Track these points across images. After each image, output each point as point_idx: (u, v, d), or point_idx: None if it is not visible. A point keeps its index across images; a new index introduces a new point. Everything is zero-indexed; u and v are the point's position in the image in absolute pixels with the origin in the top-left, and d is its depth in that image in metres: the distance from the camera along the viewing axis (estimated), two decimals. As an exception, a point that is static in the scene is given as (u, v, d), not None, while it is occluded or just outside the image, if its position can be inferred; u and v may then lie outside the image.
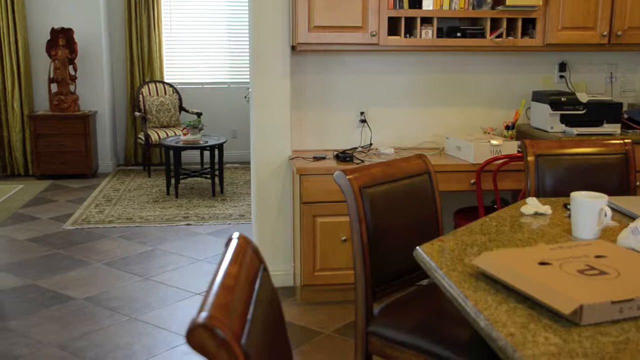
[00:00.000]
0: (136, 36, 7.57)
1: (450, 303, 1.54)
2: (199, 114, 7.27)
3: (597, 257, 1.49)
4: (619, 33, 3.80)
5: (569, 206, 1.94)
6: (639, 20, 3.82)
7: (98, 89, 7.35)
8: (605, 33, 3.79)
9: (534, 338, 1.17)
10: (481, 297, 1.36)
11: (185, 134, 6.32)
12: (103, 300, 3.77)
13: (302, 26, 3.58)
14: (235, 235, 1.31)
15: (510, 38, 3.76)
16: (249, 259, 1.23)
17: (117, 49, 7.65)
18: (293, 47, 3.74)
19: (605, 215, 1.72)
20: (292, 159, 3.76)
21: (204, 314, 0.94)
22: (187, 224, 5.37)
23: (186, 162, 7.32)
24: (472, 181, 3.58)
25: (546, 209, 2.06)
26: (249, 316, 1.07)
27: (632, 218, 1.91)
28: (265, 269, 1.29)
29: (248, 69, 7.32)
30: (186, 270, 4.33)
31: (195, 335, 0.92)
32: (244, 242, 1.27)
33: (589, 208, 1.72)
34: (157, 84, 7.55)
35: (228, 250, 1.23)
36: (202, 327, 0.92)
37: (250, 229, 4.14)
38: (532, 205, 2.08)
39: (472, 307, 1.32)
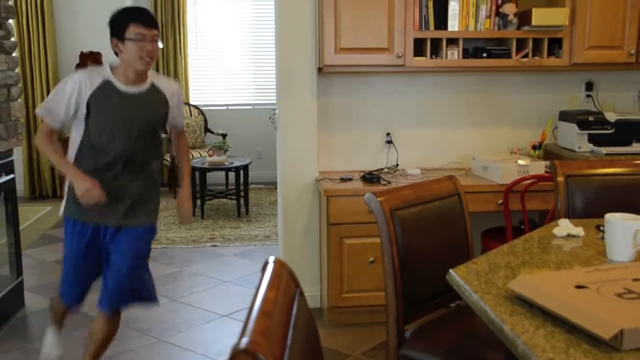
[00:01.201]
0: (162, 58, 7.68)
1: (482, 326, 1.53)
2: (224, 135, 7.34)
3: (635, 280, 1.47)
4: (647, 52, 3.78)
5: (602, 228, 1.92)
6: (667, 39, 3.80)
7: (125, 112, 7.43)
8: (632, 52, 3.77)
9: (574, 363, 1.16)
10: (518, 321, 1.35)
11: (210, 155, 6.38)
12: (131, 321, 3.80)
13: (329, 48, 3.61)
14: (271, 259, 1.31)
15: (537, 58, 3.76)
16: (285, 283, 1.24)
17: (144, 72, 7.75)
18: (319, 69, 3.77)
19: (641, 238, 1.71)
20: (319, 180, 3.77)
21: (245, 340, 0.95)
22: (213, 245, 5.40)
23: (211, 183, 7.36)
24: (500, 202, 3.56)
25: (579, 230, 2.04)
26: (289, 341, 1.07)
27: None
28: (302, 293, 1.29)
29: (272, 91, 7.38)
30: (213, 292, 4.35)
31: (238, 361, 0.93)
32: (280, 266, 1.28)
33: (624, 230, 1.71)
34: (183, 106, 7.64)
35: (265, 274, 1.24)
36: (244, 352, 0.93)
37: (277, 250, 4.15)
38: (564, 226, 2.06)
39: (509, 331, 1.31)
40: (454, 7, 3.69)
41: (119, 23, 2.57)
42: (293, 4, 3.72)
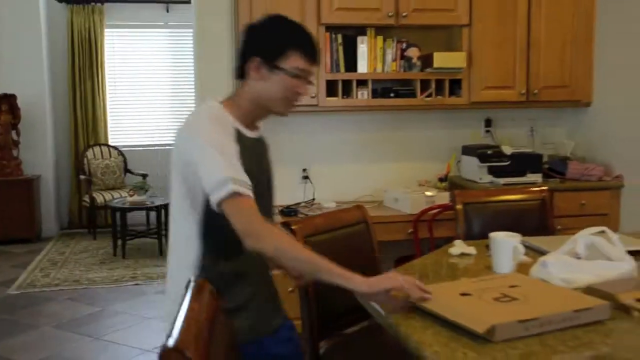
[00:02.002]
0: (80, 101, 7.69)
1: (391, 341, 1.73)
2: (144, 175, 7.39)
3: (511, 287, 1.72)
4: (535, 91, 4.18)
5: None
6: (552, 81, 4.23)
7: (42, 153, 7.37)
8: (523, 92, 4.17)
9: (454, 354, 1.38)
10: (411, 324, 1.57)
11: (131, 195, 6.42)
12: (54, 361, 3.81)
13: (246, 90, 3.81)
14: (193, 278, 1.48)
15: (439, 97, 4.09)
16: (207, 297, 1.40)
17: (61, 113, 7.73)
18: (237, 110, 3.95)
19: (519, 252, 1.96)
20: (239, 215, 3.92)
21: (173, 339, 1.11)
22: (136, 284, 5.43)
23: (132, 224, 7.37)
24: (410, 230, 3.82)
25: (471, 249, 2.30)
26: (212, 346, 1.24)
27: (544, 254, 2.16)
28: (221, 309, 1.46)
29: (193, 131, 7.50)
30: (137, 329, 4.39)
31: (168, 359, 1.08)
32: (202, 283, 1.45)
33: (505, 245, 1.97)
34: (102, 147, 7.65)
35: (188, 291, 1.40)
36: (173, 350, 1.09)
37: (200, 284, 4.25)
38: (458, 247, 2.31)
39: (404, 332, 1.53)
40: (362, 51, 3.98)
41: (277, 43, 1.80)
42: (211, 44, 3.91)
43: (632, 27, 4.03)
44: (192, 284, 1.44)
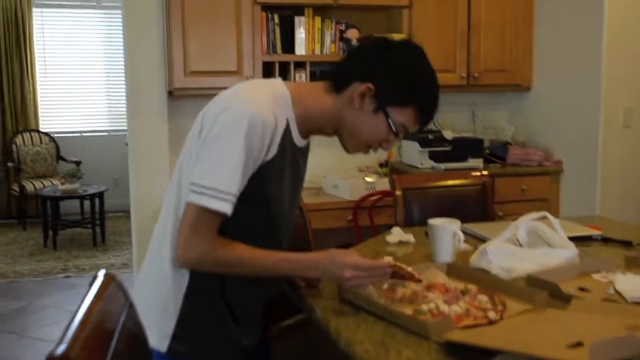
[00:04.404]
0: (8, 84, 7.30)
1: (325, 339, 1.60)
2: (77, 163, 7.08)
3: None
4: (476, 75, 4.12)
5: (430, 233, 2.07)
6: (492, 64, 4.18)
7: (-33, 140, 7.00)
8: (464, 75, 4.10)
9: (388, 352, 1.27)
10: (342, 321, 1.45)
11: (63, 183, 6.13)
12: (-27, 360, 3.57)
13: (179, 71, 3.63)
14: (102, 273, 1.32)
15: (379, 81, 3.97)
16: (112, 294, 1.25)
17: (-12, 97, 7.34)
18: (170, 92, 3.77)
19: (459, 241, 1.87)
20: (172, 203, 3.74)
21: (61, 348, 0.96)
22: (66, 277, 5.18)
23: (65, 213, 7.06)
24: (349, 218, 3.71)
25: (409, 237, 2.19)
26: (111, 350, 1.09)
27: (484, 241, 2.07)
28: (132, 305, 1.30)
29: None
30: (66, 324, 4.16)
31: (54, 370, 0.93)
32: (108, 278, 1.29)
33: (444, 233, 1.86)
34: (32, 133, 7.30)
35: (92, 287, 1.25)
36: (61, 359, 0.94)
37: (133, 277, 4.06)
38: (396, 234, 2.21)
39: (334, 329, 1.41)
40: (300, 33, 3.84)
41: (405, 89, 1.50)
42: (141, 27, 3.70)
43: (571, 10, 4.01)
44: (98, 278, 1.29)
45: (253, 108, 1.42)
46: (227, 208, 1.40)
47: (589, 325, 1.30)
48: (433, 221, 1.94)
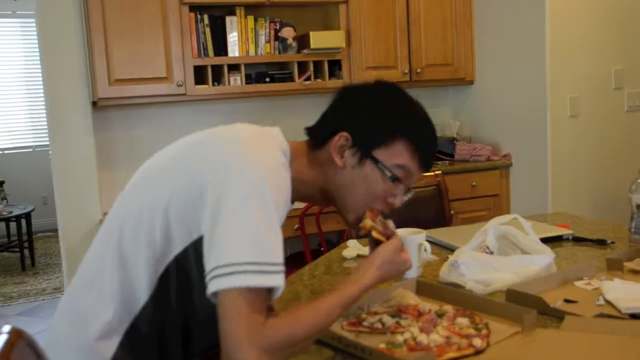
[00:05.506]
0: None
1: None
2: (1, 183, 6.62)
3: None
4: (418, 70, 3.98)
5: (390, 244, 1.88)
6: (434, 59, 4.05)
7: None
8: (406, 71, 3.95)
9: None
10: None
11: (-16, 206, 5.70)
12: None
13: (102, 80, 3.35)
14: (6, 329, 1.07)
15: (319, 80, 3.79)
16: (19, 355, 1.00)
17: None
18: (94, 103, 3.48)
19: (425, 251, 1.68)
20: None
21: None
22: (-8, 307, 4.79)
23: (-10, 237, 6.60)
24: (296, 226, 3.50)
25: (367, 250, 1.99)
26: None
27: (451, 250, 1.90)
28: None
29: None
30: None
31: None
32: (15, 335, 1.04)
33: (409, 245, 1.66)
34: (-52, 153, 6.80)
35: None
36: None
37: (64, 304, 3.74)
38: (352, 247, 2.01)
39: None
40: (232, 34, 3.61)
41: (386, 125, 1.28)
42: (58, 34, 3.39)
43: (510, 3, 3.91)
44: (1, 336, 1.04)
45: (272, 164, 1.20)
46: (280, 281, 1.08)
47: (592, 350, 1.13)
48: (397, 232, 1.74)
